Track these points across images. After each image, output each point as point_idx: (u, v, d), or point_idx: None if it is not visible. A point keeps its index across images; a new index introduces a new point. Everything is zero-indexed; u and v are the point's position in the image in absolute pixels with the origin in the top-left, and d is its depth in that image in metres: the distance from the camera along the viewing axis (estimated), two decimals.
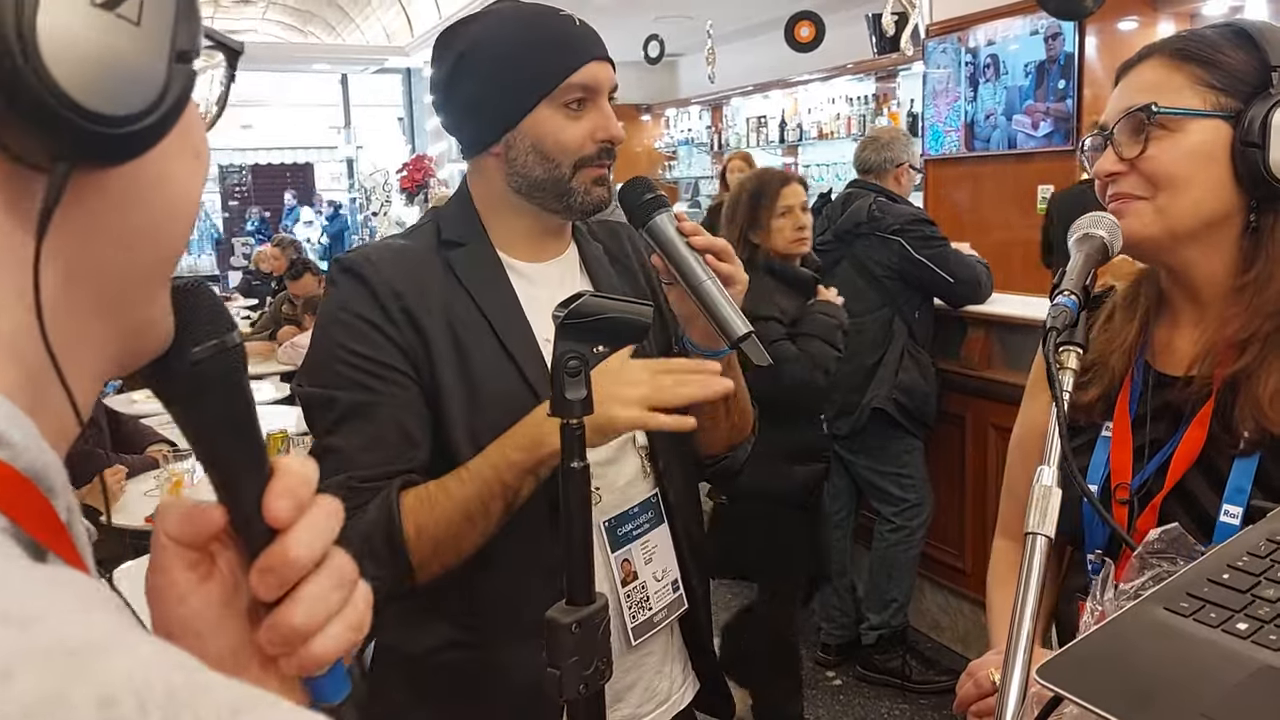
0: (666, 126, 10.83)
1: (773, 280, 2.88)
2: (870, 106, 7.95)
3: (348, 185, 12.58)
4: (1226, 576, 0.74)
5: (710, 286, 1.15)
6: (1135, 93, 1.07)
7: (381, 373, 1.15)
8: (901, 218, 3.35)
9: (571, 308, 0.92)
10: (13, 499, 0.34)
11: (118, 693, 0.27)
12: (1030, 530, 0.85)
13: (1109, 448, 1.13)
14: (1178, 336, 1.13)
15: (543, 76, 1.19)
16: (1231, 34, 1.05)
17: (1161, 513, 1.07)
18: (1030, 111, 4.50)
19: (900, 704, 3.46)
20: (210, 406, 0.49)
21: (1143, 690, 0.66)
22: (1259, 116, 1.00)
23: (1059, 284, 1.00)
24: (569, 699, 0.85)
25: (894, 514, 3.50)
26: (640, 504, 1.28)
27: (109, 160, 0.39)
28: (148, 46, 0.38)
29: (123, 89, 0.37)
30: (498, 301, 1.22)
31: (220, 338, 0.49)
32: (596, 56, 1.21)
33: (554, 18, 1.23)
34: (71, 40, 0.35)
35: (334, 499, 0.52)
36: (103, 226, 0.41)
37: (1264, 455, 1.02)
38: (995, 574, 1.30)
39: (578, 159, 1.21)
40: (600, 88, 1.22)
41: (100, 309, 0.42)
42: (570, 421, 0.90)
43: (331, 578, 0.49)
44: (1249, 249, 1.05)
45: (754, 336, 1.12)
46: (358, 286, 1.18)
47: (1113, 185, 1.09)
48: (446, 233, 1.26)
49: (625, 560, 1.25)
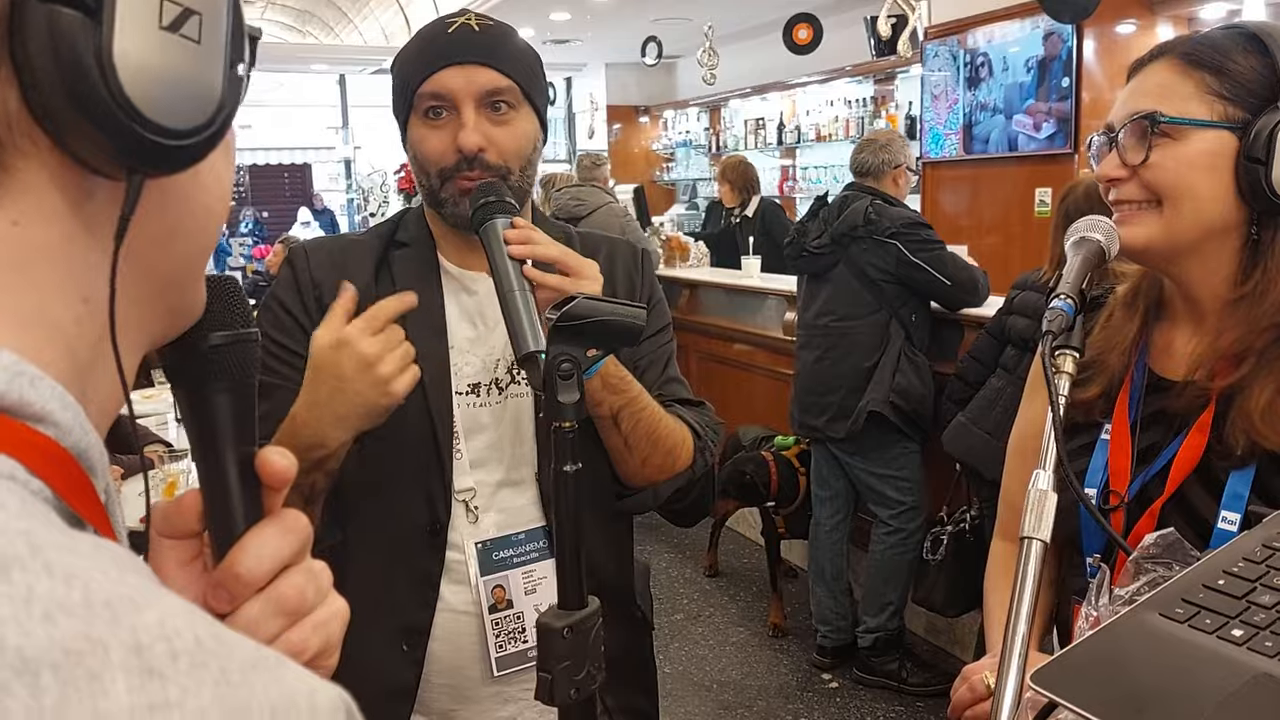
0: (665, 128, 10.83)
1: None
2: (869, 109, 7.95)
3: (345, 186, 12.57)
4: (1222, 582, 0.73)
5: (515, 296, 1.07)
6: (1143, 96, 1.06)
7: (286, 358, 1.20)
8: (898, 221, 3.35)
9: (564, 310, 0.91)
10: (57, 472, 0.37)
11: (150, 639, 0.29)
12: (1026, 535, 0.85)
13: (1108, 451, 1.13)
14: (1177, 339, 1.13)
15: (405, 89, 1.21)
16: (1244, 39, 1.04)
17: (1160, 519, 1.07)
18: (1032, 112, 4.50)
19: (896, 707, 3.46)
20: (216, 396, 0.51)
21: (1137, 697, 0.66)
22: (1265, 131, 0.99)
23: (1055, 287, 1.00)
24: (561, 704, 0.85)
25: (891, 517, 3.50)
26: (528, 532, 1.25)
27: (173, 169, 0.42)
28: (208, 64, 0.41)
29: (187, 104, 0.40)
30: (420, 302, 1.18)
31: (236, 329, 0.51)
32: (455, 62, 1.17)
33: (436, 25, 1.22)
34: (143, 62, 0.38)
35: (300, 515, 0.52)
36: (154, 224, 0.43)
37: (1260, 466, 1.02)
38: (992, 577, 1.30)
39: (439, 169, 1.19)
40: (454, 94, 1.17)
41: (147, 297, 0.45)
42: (563, 425, 0.89)
43: (271, 604, 0.50)
44: (1247, 261, 1.05)
45: (539, 358, 1.01)
46: (289, 275, 1.26)
47: (1115, 190, 1.08)
48: (400, 233, 1.30)
49: (498, 586, 1.22)
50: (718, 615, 4.17)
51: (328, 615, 0.52)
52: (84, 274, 0.41)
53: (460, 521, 1.23)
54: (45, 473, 0.36)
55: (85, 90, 0.37)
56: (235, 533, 0.50)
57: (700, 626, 4.06)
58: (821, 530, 3.70)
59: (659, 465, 1.26)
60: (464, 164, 1.18)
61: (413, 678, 1.22)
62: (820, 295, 3.54)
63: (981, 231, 4.72)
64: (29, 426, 0.36)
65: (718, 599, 4.33)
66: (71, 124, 0.38)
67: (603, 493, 1.28)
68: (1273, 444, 1.00)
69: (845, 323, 3.46)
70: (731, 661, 3.78)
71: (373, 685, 1.18)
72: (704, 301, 5.13)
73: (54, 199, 0.39)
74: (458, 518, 1.23)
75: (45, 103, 0.37)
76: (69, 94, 0.37)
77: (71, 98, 0.37)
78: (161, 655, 0.29)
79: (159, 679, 0.28)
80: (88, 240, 0.41)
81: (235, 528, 0.50)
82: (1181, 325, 1.12)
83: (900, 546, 3.49)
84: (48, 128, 0.38)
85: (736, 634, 3.99)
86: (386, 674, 1.20)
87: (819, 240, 3.47)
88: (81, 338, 0.41)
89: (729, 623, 4.09)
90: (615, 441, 1.22)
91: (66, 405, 0.38)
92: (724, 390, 4.78)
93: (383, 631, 1.19)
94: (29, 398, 0.36)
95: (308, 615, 0.51)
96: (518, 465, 1.25)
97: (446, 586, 1.23)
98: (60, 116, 0.37)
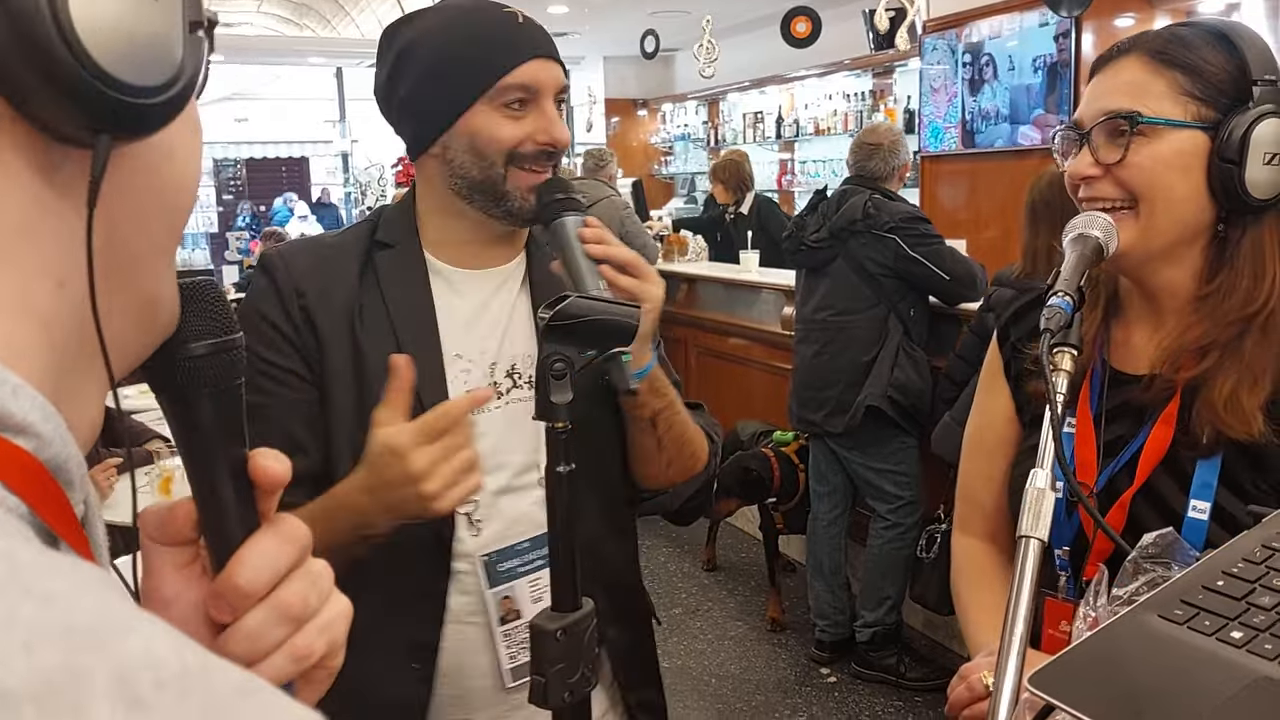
0: (663, 122, 10.81)
1: None
2: (867, 103, 7.93)
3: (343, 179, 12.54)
4: (1221, 584, 0.73)
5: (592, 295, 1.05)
6: (1113, 94, 1.06)
7: (274, 374, 1.15)
8: (896, 215, 3.34)
9: (556, 310, 0.90)
10: (33, 488, 0.36)
11: (135, 668, 0.28)
12: (1024, 534, 0.84)
13: (1073, 444, 1.13)
14: (1134, 334, 1.14)
15: (478, 75, 1.15)
16: (1213, 37, 1.05)
17: (1130, 509, 1.08)
18: (1040, 124, 4.42)
19: (895, 701, 3.46)
20: (199, 403, 0.49)
21: (1136, 700, 0.65)
22: (1238, 131, 1.00)
23: (1053, 284, 1.00)
24: (554, 707, 0.84)
25: (889, 511, 3.50)
26: (532, 539, 1.21)
27: (142, 131, 0.40)
28: (165, 19, 0.40)
29: (149, 61, 0.39)
30: (409, 305, 1.18)
31: (220, 337, 0.49)
32: (538, 55, 1.16)
33: (494, 13, 1.18)
34: (101, 16, 0.37)
35: (299, 523, 0.51)
36: (121, 198, 0.42)
37: (1226, 456, 1.04)
38: (963, 574, 1.29)
39: (510, 153, 1.15)
40: (542, 87, 1.16)
41: (116, 282, 0.43)
42: (555, 426, 0.88)
43: (275, 612, 0.49)
44: (1214, 259, 1.07)
45: (621, 359, 1.03)
46: (267, 285, 1.18)
47: (1086, 188, 1.08)
48: (380, 233, 1.23)
49: (506, 597, 1.19)
50: (716, 610, 4.17)
51: (332, 617, 0.52)
52: (57, 255, 0.39)
53: (463, 534, 1.19)
54: (22, 489, 0.35)
55: (43, 49, 0.35)
56: (233, 541, 0.49)
57: (698, 621, 4.06)
58: (819, 525, 3.70)
59: (682, 467, 1.27)
60: (542, 156, 1.16)
61: (424, 693, 1.19)
62: (819, 290, 3.53)
63: (980, 226, 4.70)
64: (7, 440, 0.35)
65: (716, 594, 4.32)
66: (31, 87, 0.36)
67: (613, 490, 1.27)
68: (1237, 433, 1.02)
69: (843, 317, 3.45)
70: (730, 656, 3.78)
71: (382, 702, 1.15)
72: (702, 296, 5.12)
73: (21, 171, 0.38)
74: (460, 530, 1.19)
75: (2, 67, 0.35)
76: (26, 56, 0.35)
77: (29, 59, 0.35)
78: (146, 684, 0.28)
79: (143, 709, 0.27)
80: (59, 215, 0.39)
81: (232, 535, 0.49)
82: (1138, 321, 1.14)
83: (898, 541, 3.49)
84: (6, 93, 0.36)
85: (735, 629, 3.99)
86: (396, 690, 1.17)
87: (817, 234, 3.47)
88: (60, 326, 0.39)
89: (727, 617, 4.09)
90: (649, 443, 1.22)
91: (48, 416, 0.37)
92: (722, 385, 4.78)
93: (390, 649, 1.16)
94: (10, 409, 0.35)
95: (311, 620, 0.51)
96: (518, 472, 1.21)
97: (454, 600, 1.20)
98: (18, 80, 0.36)
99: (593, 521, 1.20)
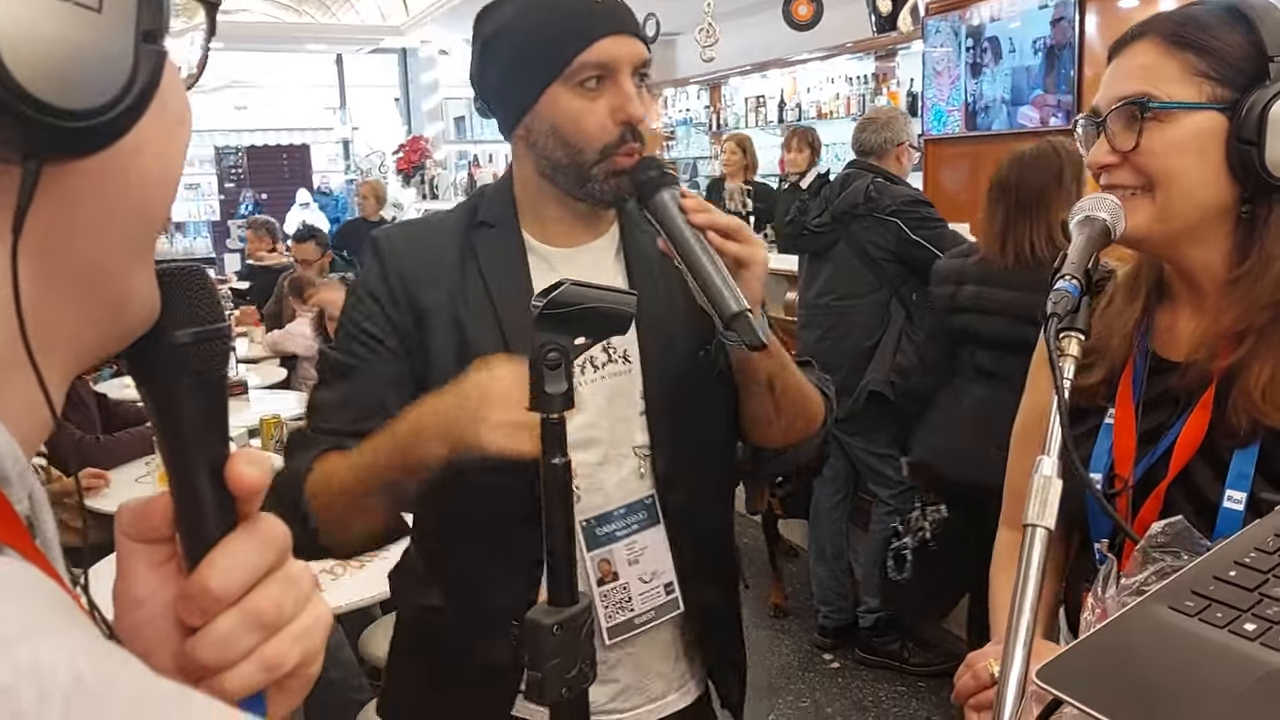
0: (664, 106, 10.75)
1: None
2: (870, 86, 7.88)
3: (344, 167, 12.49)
4: (1233, 574, 0.71)
5: (704, 262, 1.08)
6: (1128, 79, 1.05)
7: (369, 343, 1.21)
8: (899, 199, 3.32)
9: (550, 297, 0.88)
10: None
11: (17, 681, 0.27)
12: (1030, 522, 0.83)
13: (1113, 435, 1.11)
14: (1180, 320, 1.12)
15: (554, 57, 1.17)
16: (1227, 15, 1.03)
17: (1165, 500, 1.06)
18: (1039, 104, 4.40)
19: (898, 686, 3.46)
20: (179, 394, 0.48)
21: (1146, 695, 0.64)
22: (1255, 110, 0.98)
23: (1059, 268, 0.98)
24: (551, 703, 0.83)
25: (891, 496, 3.48)
26: (630, 505, 1.25)
27: (79, 152, 0.38)
28: (111, 34, 0.38)
29: (88, 81, 0.37)
30: (507, 284, 1.22)
31: (203, 326, 0.47)
32: (613, 31, 1.17)
33: None
34: (30, 35, 0.35)
35: (278, 523, 0.49)
36: (79, 207, 0.40)
37: (1264, 445, 1.01)
38: (998, 563, 1.29)
39: (603, 146, 1.17)
40: (617, 64, 1.17)
41: (77, 288, 0.41)
42: (550, 416, 0.87)
43: (247, 618, 0.47)
44: (1242, 241, 1.04)
45: (747, 315, 1.05)
46: (375, 264, 1.25)
47: (1106, 176, 1.07)
48: (482, 213, 1.28)
49: (604, 560, 1.24)
50: None
51: (309, 624, 0.49)
52: None
53: None
54: None
55: None
56: (209, 540, 0.47)
57: None
58: (822, 510, 3.69)
59: (801, 428, 1.29)
60: (627, 137, 1.17)
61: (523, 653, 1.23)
62: (821, 274, 3.51)
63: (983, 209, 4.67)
64: None
65: None
66: None
67: (720, 458, 1.32)
68: (1274, 421, 0.99)
69: (846, 302, 3.44)
70: None
71: (484, 662, 1.22)
72: None
73: None
74: None
75: None
76: None
77: None
78: (28, 698, 0.27)
79: None
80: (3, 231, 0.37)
81: (208, 534, 0.48)
82: (1183, 306, 1.12)
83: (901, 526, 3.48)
84: None
85: None
86: (497, 652, 1.21)
87: (820, 219, 3.45)
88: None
89: None
90: (766, 407, 1.23)
91: None
92: None
93: (491, 612, 1.21)
94: None
95: (286, 626, 0.48)
96: (617, 444, 1.24)
97: None
98: None
99: (699, 489, 1.28)
